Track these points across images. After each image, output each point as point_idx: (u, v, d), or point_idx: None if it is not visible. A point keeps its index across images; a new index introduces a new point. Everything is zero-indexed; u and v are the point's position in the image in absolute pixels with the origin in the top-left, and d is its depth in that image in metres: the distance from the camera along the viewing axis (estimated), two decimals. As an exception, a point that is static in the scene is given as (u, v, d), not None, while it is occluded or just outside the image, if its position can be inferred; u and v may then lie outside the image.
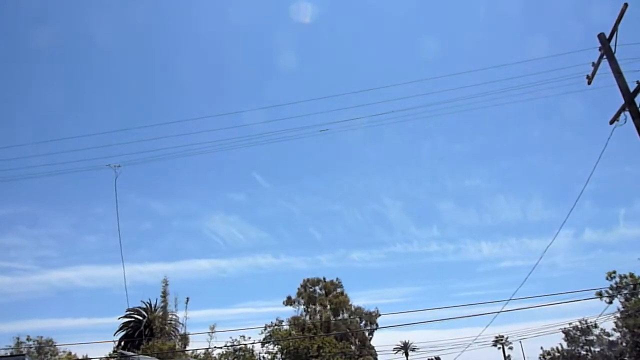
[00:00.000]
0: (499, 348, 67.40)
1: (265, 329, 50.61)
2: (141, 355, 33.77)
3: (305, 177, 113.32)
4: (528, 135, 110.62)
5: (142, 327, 46.31)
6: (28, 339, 43.00)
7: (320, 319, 54.11)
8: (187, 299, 49.51)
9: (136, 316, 49.20)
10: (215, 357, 44.79)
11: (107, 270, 76.04)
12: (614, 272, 44.41)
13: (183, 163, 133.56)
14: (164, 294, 49.97)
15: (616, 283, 44.08)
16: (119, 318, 48.80)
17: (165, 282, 50.26)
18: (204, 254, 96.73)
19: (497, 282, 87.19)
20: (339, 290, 58.25)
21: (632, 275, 43.81)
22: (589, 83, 15.18)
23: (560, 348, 51.58)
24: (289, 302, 56.98)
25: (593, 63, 14.65)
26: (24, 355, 36.74)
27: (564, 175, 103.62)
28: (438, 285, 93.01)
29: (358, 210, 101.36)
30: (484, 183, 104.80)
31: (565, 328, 48.90)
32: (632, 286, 42.42)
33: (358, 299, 79.12)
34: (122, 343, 46.08)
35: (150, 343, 41.58)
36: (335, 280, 59.23)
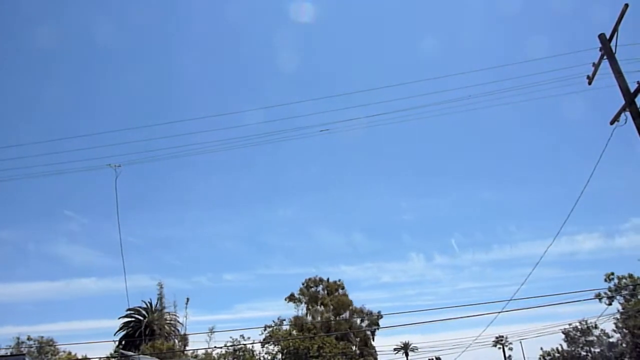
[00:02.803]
0: (499, 348, 67.45)
1: (265, 329, 50.66)
2: (141, 355, 33.76)
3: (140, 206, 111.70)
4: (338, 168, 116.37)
5: (142, 327, 46.26)
6: (28, 339, 43.05)
7: (321, 318, 54.13)
8: (187, 299, 49.55)
9: (136, 316, 49.14)
10: (215, 357, 44.80)
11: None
12: (612, 274, 44.45)
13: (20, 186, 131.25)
14: (160, 297, 49.99)
15: (615, 285, 44.14)
16: (119, 318, 48.81)
17: (161, 286, 50.36)
18: (75, 274, 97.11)
19: (389, 296, 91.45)
20: (341, 291, 58.28)
21: (630, 276, 43.86)
22: (590, 83, 15.20)
23: (560, 349, 51.59)
24: (292, 299, 57.00)
25: (593, 63, 14.66)
26: (24, 355, 36.71)
27: (376, 206, 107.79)
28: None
29: (198, 238, 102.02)
30: (299, 213, 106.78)
31: (565, 329, 48.96)
32: (631, 287, 42.45)
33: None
34: (123, 343, 46.03)
35: (150, 343, 41.57)
36: (337, 281, 59.41)
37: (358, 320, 57.35)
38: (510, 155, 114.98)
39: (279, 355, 45.81)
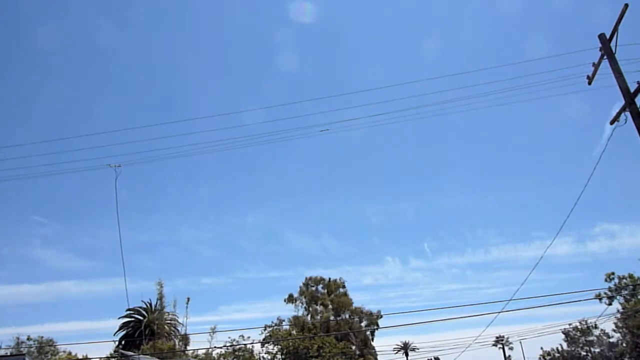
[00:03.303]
0: (500, 348, 67.41)
1: (265, 329, 50.64)
2: (141, 355, 33.76)
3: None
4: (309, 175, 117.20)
5: (142, 327, 46.24)
6: (28, 339, 43.03)
7: (321, 318, 54.06)
8: (188, 299, 49.43)
9: (136, 316, 49.12)
10: (214, 357, 44.83)
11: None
12: (613, 274, 44.43)
13: None
14: (160, 296, 49.79)
15: (615, 284, 44.13)
16: (119, 318, 48.79)
17: (161, 285, 50.12)
18: (54, 277, 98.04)
19: (373, 298, 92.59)
20: (341, 290, 58.03)
21: (631, 276, 43.84)
22: (590, 83, 15.19)
23: (560, 348, 51.57)
24: (290, 300, 56.75)
25: (593, 63, 14.65)
26: (24, 355, 36.68)
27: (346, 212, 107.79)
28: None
29: (171, 242, 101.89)
30: (269, 219, 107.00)
31: (565, 329, 48.92)
32: (631, 287, 42.44)
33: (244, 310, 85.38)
34: (123, 343, 46.03)
35: (150, 343, 41.56)
36: (338, 279, 58.98)
37: (357, 319, 57.24)
38: (491, 157, 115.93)
39: (279, 355, 45.83)
